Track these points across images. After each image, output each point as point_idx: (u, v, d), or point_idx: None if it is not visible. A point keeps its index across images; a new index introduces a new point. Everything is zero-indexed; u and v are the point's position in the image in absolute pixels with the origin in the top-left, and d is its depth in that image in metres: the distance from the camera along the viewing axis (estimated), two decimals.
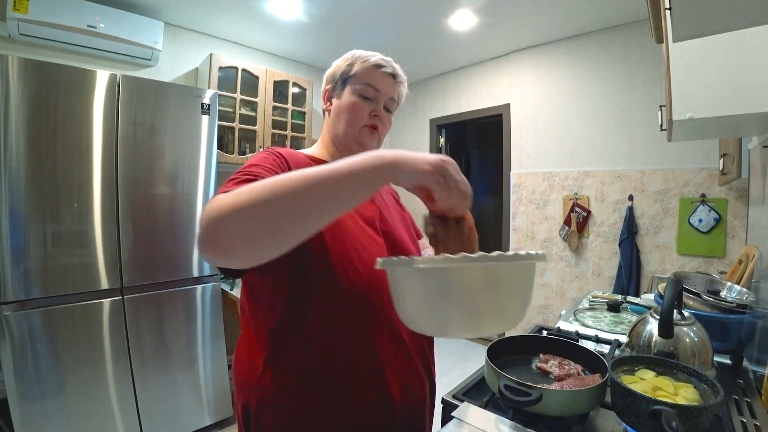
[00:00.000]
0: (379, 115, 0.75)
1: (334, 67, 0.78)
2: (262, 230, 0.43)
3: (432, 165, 0.49)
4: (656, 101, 2.26)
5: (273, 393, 0.64)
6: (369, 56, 0.75)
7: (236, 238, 0.43)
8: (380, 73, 0.74)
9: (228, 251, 0.44)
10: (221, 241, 0.43)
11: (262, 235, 0.43)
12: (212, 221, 0.43)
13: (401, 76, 0.78)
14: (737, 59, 0.83)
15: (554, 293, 2.80)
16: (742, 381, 0.87)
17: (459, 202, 0.52)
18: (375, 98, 0.74)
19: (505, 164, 3.08)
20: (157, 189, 1.79)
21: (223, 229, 0.42)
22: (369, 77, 0.74)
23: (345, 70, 0.75)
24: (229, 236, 0.43)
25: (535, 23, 2.51)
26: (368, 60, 0.75)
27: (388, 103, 0.77)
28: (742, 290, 1.12)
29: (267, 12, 2.35)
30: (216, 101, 1.99)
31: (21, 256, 1.45)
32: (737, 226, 2.05)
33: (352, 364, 0.65)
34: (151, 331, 1.77)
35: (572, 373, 0.78)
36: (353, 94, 0.74)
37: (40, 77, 1.48)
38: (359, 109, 0.73)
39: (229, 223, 0.42)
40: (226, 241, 0.43)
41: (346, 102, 0.74)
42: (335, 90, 0.77)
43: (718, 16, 0.53)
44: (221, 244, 0.43)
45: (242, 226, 0.42)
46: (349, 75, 0.75)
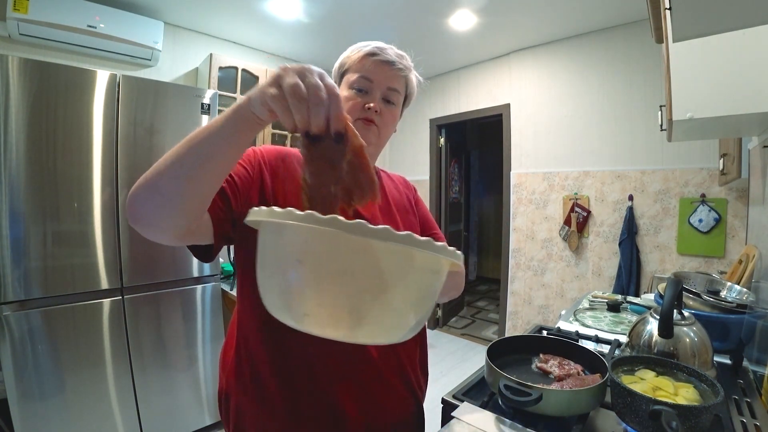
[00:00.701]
0: (375, 107, 0.68)
1: (336, 64, 0.76)
2: (163, 194, 0.46)
3: (270, 78, 0.42)
4: (656, 101, 2.26)
5: (234, 381, 0.67)
6: (363, 45, 0.70)
7: (145, 205, 0.47)
8: (373, 62, 0.68)
9: (142, 219, 0.48)
10: (135, 210, 0.48)
11: (164, 200, 0.46)
12: (130, 196, 0.48)
13: (400, 63, 0.70)
14: (737, 59, 0.83)
15: (554, 293, 2.80)
16: (742, 381, 0.87)
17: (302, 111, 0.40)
18: (370, 90, 0.69)
19: (505, 164, 3.08)
20: None
21: (135, 200, 0.47)
22: (362, 68, 0.68)
23: (342, 62, 0.73)
24: (140, 205, 0.47)
25: (535, 23, 2.51)
26: (361, 49, 0.69)
27: (387, 94, 0.70)
28: (742, 290, 1.12)
29: (267, 12, 2.35)
30: (216, 101, 1.99)
31: (21, 256, 1.45)
32: (737, 226, 2.05)
33: (304, 375, 0.63)
34: (151, 331, 1.77)
35: (572, 373, 0.78)
36: (347, 88, 0.69)
37: (40, 77, 1.47)
38: (355, 102, 0.68)
39: (138, 194, 0.47)
40: (139, 210, 0.48)
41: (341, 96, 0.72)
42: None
43: (718, 16, 0.53)
44: (135, 213, 0.48)
45: (147, 193, 0.47)
46: (345, 68, 0.72)
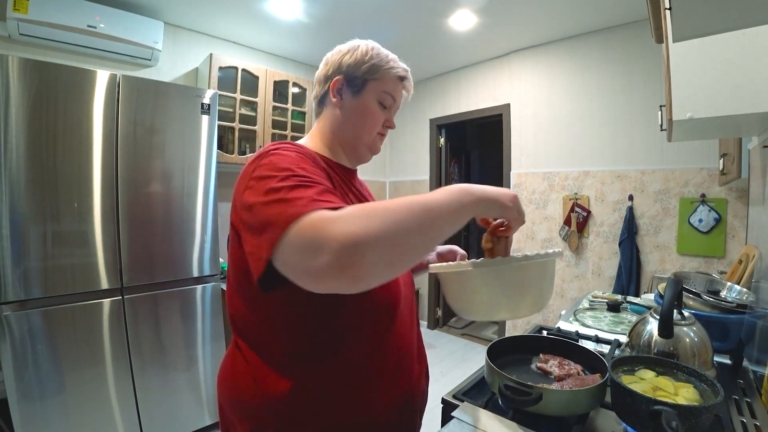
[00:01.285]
0: (391, 124, 0.75)
1: (348, 57, 0.71)
2: (393, 260, 0.44)
3: (512, 202, 0.57)
4: (656, 101, 2.26)
5: (295, 412, 0.61)
6: (391, 63, 0.72)
7: (373, 268, 0.42)
8: (402, 86, 0.74)
9: (365, 279, 0.43)
10: (356, 269, 0.41)
11: (395, 263, 0.45)
12: (352, 250, 0.41)
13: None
14: (737, 59, 0.83)
15: (554, 293, 2.80)
16: (742, 381, 0.87)
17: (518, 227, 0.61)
18: (390, 107, 0.74)
19: (505, 164, 3.08)
20: (157, 189, 1.79)
21: (366, 258, 0.41)
22: (392, 87, 0.72)
23: (367, 69, 0.70)
24: (368, 266, 0.42)
25: (535, 23, 2.51)
26: (393, 69, 0.72)
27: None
28: (742, 290, 1.12)
29: (267, 12, 2.35)
30: (216, 101, 1.99)
31: (21, 256, 1.45)
32: (737, 226, 2.05)
33: (376, 366, 0.65)
34: (151, 331, 1.77)
35: (572, 373, 0.78)
36: (375, 101, 0.71)
37: (40, 77, 1.48)
38: (378, 118, 0.72)
39: (370, 252, 0.41)
40: (363, 270, 0.42)
41: (365, 108, 0.71)
42: (352, 86, 0.71)
43: (718, 16, 0.53)
44: (355, 271, 0.42)
45: (383, 255, 0.43)
46: (372, 77, 0.70)
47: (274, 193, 0.50)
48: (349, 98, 0.71)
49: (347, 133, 0.72)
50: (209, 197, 1.96)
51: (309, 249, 0.43)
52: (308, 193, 0.49)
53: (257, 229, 0.50)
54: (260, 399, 0.61)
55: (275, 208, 0.48)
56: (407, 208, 0.45)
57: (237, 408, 0.65)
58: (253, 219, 0.51)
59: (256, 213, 0.51)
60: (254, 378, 0.62)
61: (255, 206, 0.51)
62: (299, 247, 0.44)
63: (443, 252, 0.88)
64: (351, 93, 0.71)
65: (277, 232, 0.46)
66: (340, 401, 0.62)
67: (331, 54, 0.74)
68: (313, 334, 0.62)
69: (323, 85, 0.73)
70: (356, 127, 0.72)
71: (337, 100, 0.72)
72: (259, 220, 0.50)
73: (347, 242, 0.41)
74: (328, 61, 0.73)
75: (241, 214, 0.55)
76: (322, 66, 0.74)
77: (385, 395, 0.67)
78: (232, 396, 0.66)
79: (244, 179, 0.57)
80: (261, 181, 0.53)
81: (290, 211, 0.46)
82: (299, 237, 0.44)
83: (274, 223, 0.47)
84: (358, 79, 0.70)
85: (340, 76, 0.71)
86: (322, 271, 0.42)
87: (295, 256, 0.45)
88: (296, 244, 0.44)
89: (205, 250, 1.95)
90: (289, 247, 0.45)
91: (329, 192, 0.52)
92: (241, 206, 0.55)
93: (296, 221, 0.44)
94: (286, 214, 0.46)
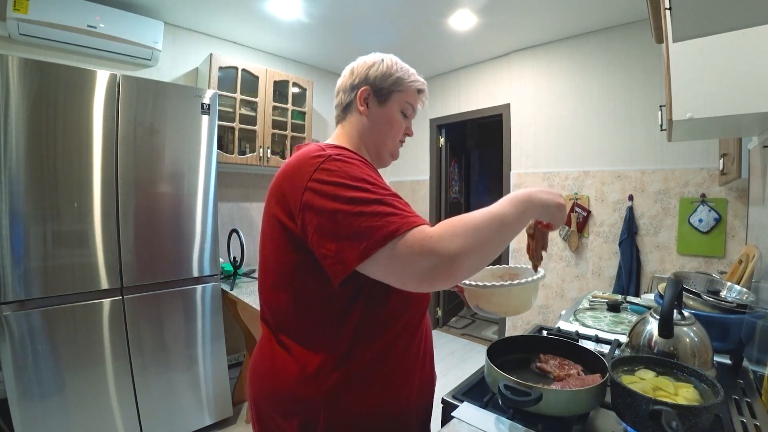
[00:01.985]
0: (410, 131, 0.83)
1: (375, 70, 0.77)
2: (481, 264, 0.57)
3: (561, 209, 0.68)
4: (656, 101, 2.26)
5: (341, 400, 0.65)
6: (413, 77, 0.79)
7: (468, 272, 0.56)
8: (421, 98, 0.82)
9: (458, 279, 0.56)
10: (459, 274, 0.54)
11: (480, 265, 0.57)
12: (456, 261, 0.53)
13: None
14: (737, 59, 0.83)
15: (554, 293, 2.80)
16: (742, 381, 0.87)
17: (560, 225, 0.72)
18: (410, 117, 0.82)
19: (505, 164, 3.08)
20: (157, 189, 1.79)
21: (465, 266, 0.54)
22: (414, 99, 0.80)
23: (393, 81, 0.77)
24: (465, 271, 0.55)
25: (534, 23, 2.51)
26: (415, 82, 0.79)
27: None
28: (742, 290, 1.12)
29: (267, 12, 2.35)
30: (216, 101, 1.99)
31: (21, 256, 1.45)
32: (737, 226, 2.05)
33: (410, 353, 0.72)
34: (151, 331, 1.78)
35: (572, 373, 0.78)
36: (398, 111, 0.79)
37: (40, 77, 1.48)
38: (400, 126, 0.80)
39: (467, 261, 0.54)
40: (462, 274, 0.55)
41: (390, 117, 0.78)
42: (379, 97, 0.77)
43: (718, 16, 0.53)
44: (458, 276, 0.55)
45: (474, 263, 0.56)
46: (397, 89, 0.77)
47: (361, 205, 0.57)
48: (375, 107, 0.78)
49: (373, 139, 0.79)
50: (209, 197, 1.96)
51: (421, 259, 0.53)
52: (398, 208, 0.58)
53: (345, 237, 0.56)
54: (312, 391, 0.64)
55: (369, 221, 0.55)
56: (489, 225, 0.57)
57: (282, 405, 0.67)
58: (335, 226, 0.57)
59: (340, 221, 0.57)
60: (303, 370, 0.65)
61: (339, 214, 0.57)
62: (411, 257, 0.54)
63: None
64: (377, 103, 0.78)
65: (377, 243, 0.54)
66: (383, 387, 0.68)
67: (357, 65, 0.79)
68: (361, 326, 0.66)
69: (349, 94, 0.79)
70: (382, 134, 0.79)
71: (364, 109, 0.78)
72: (348, 229, 0.56)
73: (452, 256, 0.53)
74: (354, 72, 0.79)
75: (308, 216, 0.60)
76: (347, 75, 0.80)
77: (418, 381, 0.74)
78: (276, 393, 0.68)
79: (302, 179, 0.61)
80: (335, 188, 0.58)
81: (390, 227, 0.55)
82: (410, 250, 0.54)
83: (370, 236, 0.55)
84: (384, 90, 0.77)
85: (367, 87, 0.77)
86: (432, 275, 0.54)
87: (405, 263, 0.54)
88: (406, 254, 0.54)
89: (205, 250, 1.95)
90: (396, 257, 0.54)
91: (405, 203, 0.61)
92: (304, 207, 0.60)
93: (402, 236, 0.54)
94: (386, 230, 0.54)
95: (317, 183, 0.59)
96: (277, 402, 0.68)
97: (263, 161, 2.61)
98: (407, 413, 0.72)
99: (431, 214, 3.63)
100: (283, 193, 0.64)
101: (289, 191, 0.63)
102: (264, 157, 2.61)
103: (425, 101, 0.83)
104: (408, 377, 0.72)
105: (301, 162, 0.64)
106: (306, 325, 0.67)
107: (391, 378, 0.69)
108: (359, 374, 0.66)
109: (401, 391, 0.71)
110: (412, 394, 0.73)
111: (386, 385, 0.69)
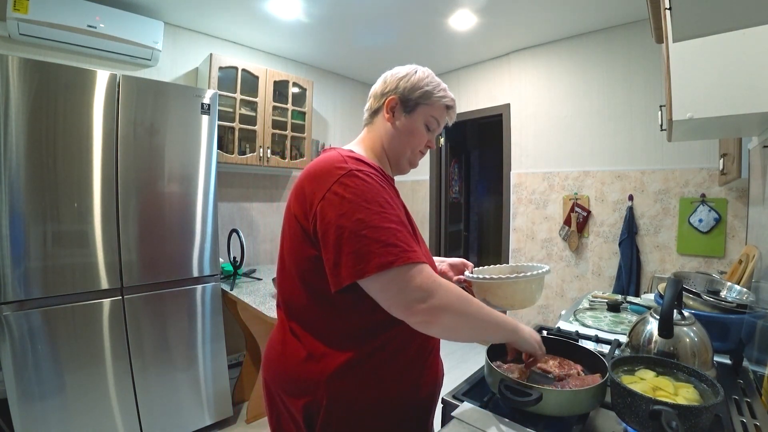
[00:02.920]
0: (432, 144, 0.85)
1: (405, 81, 0.79)
2: (455, 333, 0.66)
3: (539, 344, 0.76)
4: (656, 101, 2.26)
5: (343, 385, 0.68)
6: (442, 93, 0.81)
7: (446, 329, 0.64)
8: (448, 114, 0.84)
9: (434, 328, 0.63)
10: (437, 324, 0.62)
11: (455, 335, 0.66)
12: (443, 311, 0.62)
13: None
14: (737, 59, 0.83)
15: (554, 293, 2.80)
16: (742, 381, 0.87)
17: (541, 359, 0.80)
18: (434, 130, 0.84)
19: (505, 164, 3.08)
20: (157, 189, 1.79)
21: (445, 320, 0.63)
22: (440, 114, 0.82)
23: (421, 94, 0.79)
24: (444, 326, 0.63)
25: (535, 23, 2.51)
26: (443, 98, 0.81)
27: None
28: (742, 290, 1.12)
29: (267, 12, 2.35)
30: (216, 101, 1.99)
31: (21, 256, 1.45)
32: (737, 226, 2.05)
33: (413, 346, 0.74)
34: (151, 331, 1.77)
35: (572, 373, 0.78)
36: (422, 123, 0.81)
37: (40, 77, 1.48)
38: (422, 138, 0.82)
39: (448, 319, 0.63)
40: (439, 326, 0.63)
41: (414, 128, 0.80)
42: (405, 107, 0.79)
43: (718, 16, 0.53)
44: (436, 325, 0.62)
45: (451, 325, 0.64)
46: (424, 102, 0.79)
47: (366, 229, 0.61)
48: (400, 117, 0.80)
49: (394, 147, 0.81)
50: (209, 197, 1.96)
51: (415, 293, 0.61)
52: (400, 240, 0.62)
53: (345, 253, 0.61)
54: (316, 374, 0.69)
55: (370, 246, 0.60)
56: (481, 315, 0.67)
57: (289, 385, 0.72)
58: (339, 240, 0.62)
59: (345, 238, 0.61)
60: (309, 354, 0.70)
61: (345, 230, 0.61)
62: (406, 288, 0.61)
63: (456, 263, 1.00)
64: (403, 112, 0.80)
65: (371, 269, 0.60)
66: (385, 377, 0.71)
67: (390, 74, 0.82)
68: (367, 320, 0.69)
69: (379, 100, 0.82)
70: (403, 144, 0.81)
71: (389, 117, 0.80)
72: (349, 246, 0.61)
73: (442, 306, 0.62)
74: (387, 80, 0.82)
75: (319, 223, 0.64)
76: (380, 83, 0.83)
77: (421, 374, 0.76)
78: (284, 374, 0.73)
79: (321, 187, 0.66)
80: (348, 205, 0.63)
81: (388, 257, 0.60)
82: (406, 281, 0.61)
83: (368, 261, 0.60)
84: (411, 102, 0.79)
85: (395, 96, 0.79)
86: (416, 311, 0.61)
87: (397, 291, 0.61)
88: (400, 285, 0.61)
89: (205, 250, 1.95)
90: (392, 282, 0.61)
91: (411, 236, 0.67)
92: (317, 214, 0.65)
93: (396, 268, 0.60)
94: (382, 260, 0.60)
95: (333, 195, 0.64)
96: (284, 383, 0.73)
97: (263, 161, 2.62)
98: (408, 404, 0.74)
99: (431, 214, 3.63)
100: (304, 193, 0.69)
101: (309, 194, 0.68)
102: (264, 157, 2.62)
103: (453, 118, 0.86)
104: (410, 370, 0.74)
105: (325, 169, 0.67)
106: (316, 316, 0.72)
107: (393, 369, 0.72)
108: (362, 363, 0.69)
109: (403, 383, 0.73)
110: (414, 386, 0.75)
111: (388, 375, 0.71)
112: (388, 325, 0.70)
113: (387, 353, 0.71)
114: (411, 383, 0.75)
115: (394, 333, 0.71)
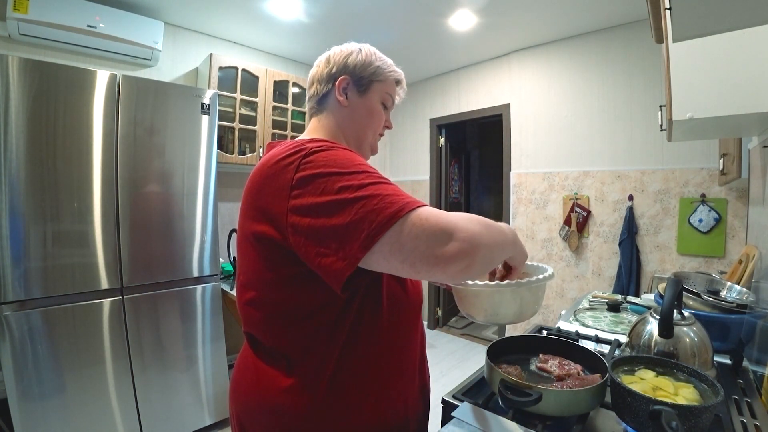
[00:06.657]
0: (389, 124, 0.79)
1: (354, 58, 0.72)
2: (493, 261, 0.56)
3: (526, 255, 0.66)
4: (656, 101, 2.26)
5: (331, 412, 0.61)
6: (392, 67, 0.76)
7: (484, 264, 0.53)
8: (399, 89, 0.78)
9: (472, 270, 0.51)
10: (476, 264, 0.50)
11: (490, 264, 0.56)
12: (475, 243, 0.49)
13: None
14: (737, 59, 0.83)
15: (554, 293, 2.80)
16: (742, 381, 0.87)
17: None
18: (389, 108, 0.78)
19: (505, 164, 3.08)
20: (158, 189, 1.79)
21: (482, 255, 0.51)
22: (393, 90, 0.76)
23: (374, 70, 0.73)
24: (482, 262, 0.51)
25: (535, 23, 2.51)
26: (394, 72, 0.76)
27: None
28: (742, 290, 1.12)
29: (267, 12, 2.35)
30: (216, 101, 1.99)
31: (21, 256, 1.45)
32: (737, 226, 2.05)
33: (406, 360, 0.70)
34: (151, 331, 1.77)
35: (572, 373, 0.78)
36: (379, 102, 0.75)
37: (40, 77, 1.47)
38: (381, 118, 0.76)
39: (486, 253, 0.51)
40: (479, 264, 0.51)
41: (371, 107, 0.74)
42: (359, 86, 0.72)
43: (718, 16, 0.53)
44: (474, 266, 0.50)
45: (492, 257, 0.54)
46: (377, 79, 0.73)
47: (356, 191, 0.50)
48: (355, 98, 0.73)
49: (354, 131, 0.74)
50: (209, 197, 1.96)
51: (440, 236, 0.48)
52: (397, 190, 0.53)
53: (343, 230, 0.49)
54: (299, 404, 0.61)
55: (368, 205, 0.49)
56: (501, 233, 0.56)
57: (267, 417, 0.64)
58: (330, 221, 0.50)
59: (335, 214, 0.50)
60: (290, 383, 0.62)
61: (332, 206, 0.50)
62: (427, 235, 0.48)
63: None
64: (357, 93, 0.73)
65: (382, 226, 0.48)
66: (379, 397, 0.65)
67: (333, 54, 0.74)
68: (353, 335, 0.62)
69: (326, 84, 0.73)
70: (362, 126, 0.74)
71: (343, 99, 0.72)
72: (344, 218, 0.49)
73: (472, 236, 0.49)
74: (331, 60, 0.73)
75: (297, 219, 0.52)
76: (322, 65, 0.74)
77: (415, 387, 0.73)
78: (260, 405, 0.66)
79: (283, 180, 0.54)
80: (323, 180, 0.52)
81: (394, 207, 0.49)
82: (424, 227, 0.48)
83: (372, 220, 0.48)
84: (364, 80, 0.72)
85: (346, 76, 0.72)
86: (451, 255, 0.48)
87: (419, 243, 0.48)
88: (421, 232, 0.48)
89: (205, 250, 1.95)
90: (405, 237, 0.48)
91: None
92: (291, 210, 0.53)
93: (408, 214, 0.49)
94: (390, 210, 0.49)
95: (302, 181, 0.53)
96: (261, 416, 0.63)
97: None
98: (406, 423, 0.69)
99: None
100: (262, 200, 0.57)
101: (270, 197, 0.56)
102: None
103: (402, 94, 0.79)
104: (405, 386, 0.70)
105: (279, 162, 0.56)
106: (293, 338, 0.61)
107: (387, 386, 0.66)
108: (351, 385, 0.62)
109: (398, 401, 0.68)
110: (409, 402, 0.70)
111: (382, 394, 0.65)
112: (379, 335, 0.64)
113: (382, 368, 0.66)
114: (408, 397, 0.70)
115: (386, 344, 0.66)
